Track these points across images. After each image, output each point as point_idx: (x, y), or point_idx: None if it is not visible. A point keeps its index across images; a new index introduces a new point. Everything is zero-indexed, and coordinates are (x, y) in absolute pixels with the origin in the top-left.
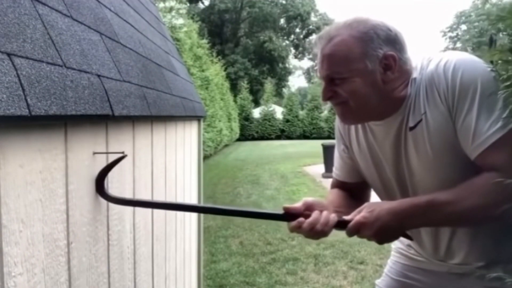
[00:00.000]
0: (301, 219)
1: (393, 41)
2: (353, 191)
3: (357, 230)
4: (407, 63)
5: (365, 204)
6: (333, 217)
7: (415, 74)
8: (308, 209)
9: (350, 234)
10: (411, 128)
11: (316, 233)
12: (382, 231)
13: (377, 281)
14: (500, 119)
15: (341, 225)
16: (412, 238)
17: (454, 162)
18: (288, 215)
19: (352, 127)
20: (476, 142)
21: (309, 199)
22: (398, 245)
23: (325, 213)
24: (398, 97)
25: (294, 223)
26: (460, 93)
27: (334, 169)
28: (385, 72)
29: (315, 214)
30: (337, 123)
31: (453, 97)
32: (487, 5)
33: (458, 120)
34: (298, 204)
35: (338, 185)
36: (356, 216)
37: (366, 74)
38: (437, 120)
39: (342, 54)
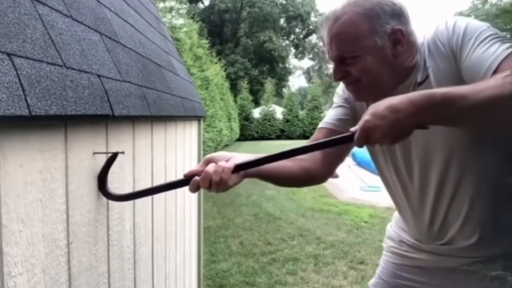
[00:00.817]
0: (195, 177)
1: (399, 14)
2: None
3: (365, 137)
4: (412, 34)
5: (368, 108)
6: (230, 163)
7: (420, 41)
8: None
9: (359, 143)
10: (419, 84)
11: (216, 184)
12: (392, 131)
13: (370, 283)
14: (507, 43)
15: (346, 139)
16: (427, 127)
17: None
18: (189, 179)
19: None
20: (486, 64)
21: (209, 155)
22: (389, 243)
23: (221, 162)
24: (408, 67)
25: (190, 184)
26: (464, 35)
27: (323, 120)
28: (395, 46)
29: (208, 167)
30: (341, 90)
31: (456, 42)
32: (487, 5)
33: (465, 58)
34: (198, 165)
35: (316, 138)
36: (361, 122)
37: (376, 51)
38: (443, 69)
39: (350, 32)
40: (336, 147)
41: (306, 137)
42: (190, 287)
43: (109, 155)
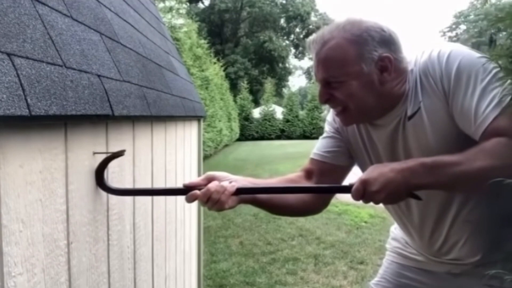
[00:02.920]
0: (195, 190)
1: (388, 41)
2: (325, 175)
3: (362, 189)
4: (403, 61)
5: (370, 167)
6: (232, 185)
7: (410, 67)
8: (210, 182)
9: (356, 195)
10: (410, 118)
11: (213, 202)
12: (388, 187)
13: (372, 282)
14: (499, 95)
15: (345, 189)
16: (421, 198)
17: (454, 149)
18: (189, 190)
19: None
20: (478, 120)
21: (212, 172)
22: (394, 244)
23: (224, 182)
24: (397, 94)
25: (188, 194)
26: (456, 78)
27: (315, 150)
28: (382, 73)
29: (211, 184)
30: (331, 117)
31: (448, 83)
32: (486, 5)
33: (456, 105)
34: (199, 178)
35: (309, 168)
36: (360, 176)
37: (362, 77)
38: (433, 106)
39: (337, 58)
40: (332, 180)
41: (306, 137)
42: (190, 287)
43: (111, 153)
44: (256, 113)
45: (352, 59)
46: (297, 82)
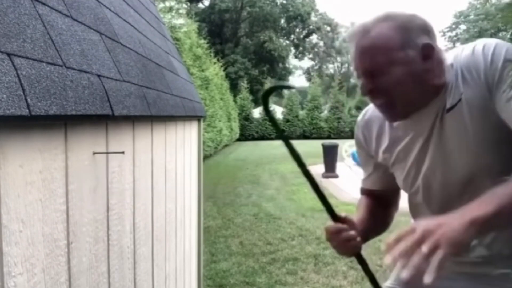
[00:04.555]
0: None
1: (429, 31)
2: (380, 198)
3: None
4: (441, 52)
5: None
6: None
7: (450, 61)
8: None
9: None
10: (449, 110)
11: (346, 245)
12: (449, 234)
13: (386, 285)
14: None
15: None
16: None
17: (494, 143)
18: (338, 219)
19: (378, 131)
20: None
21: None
22: None
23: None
24: (437, 85)
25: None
26: (502, 69)
27: (363, 176)
28: (425, 61)
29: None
30: (359, 131)
31: (493, 75)
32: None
33: (500, 96)
34: (350, 218)
35: (365, 192)
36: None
37: (407, 64)
38: (476, 98)
39: (382, 44)
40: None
41: (306, 137)
42: (190, 287)
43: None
44: (256, 113)
45: (396, 45)
46: (297, 82)
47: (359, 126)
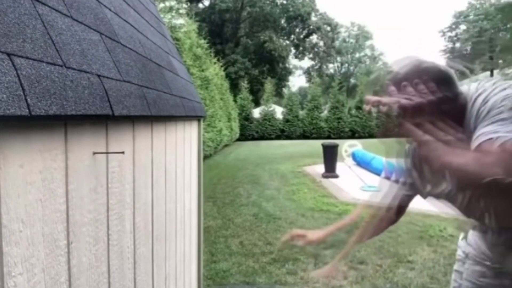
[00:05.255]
0: None
1: (447, 80)
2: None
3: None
4: (459, 95)
5: None
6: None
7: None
8: None
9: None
10: None
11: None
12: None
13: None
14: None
15: None
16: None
17: None
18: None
19: None
20: (476, 140)
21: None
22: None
23: None
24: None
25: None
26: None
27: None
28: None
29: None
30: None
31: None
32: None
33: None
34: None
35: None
36: None
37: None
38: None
39: None
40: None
41: (306, 137)
42: (190, 287)
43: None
44: (256, 113)
45: None
46: (297, 82)
47: None
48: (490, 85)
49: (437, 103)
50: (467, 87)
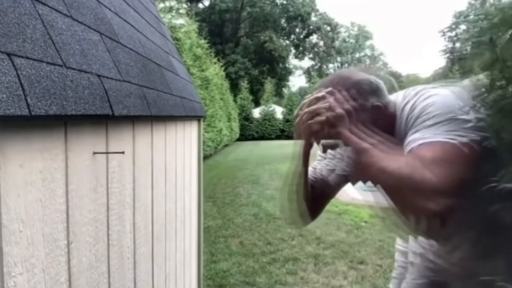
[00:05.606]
0: None
1: (375, 91)
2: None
3: None
4: (388, 104)
5: None
6: None
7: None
8: None
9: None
10: None
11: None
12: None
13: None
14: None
15: None
16: None
17: None
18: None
19: None
20: (407, 146)
21: None
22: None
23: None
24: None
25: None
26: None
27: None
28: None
29: None
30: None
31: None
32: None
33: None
34: None
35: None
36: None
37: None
38: None
39: None
40: None
41: None
42: (190, 287)
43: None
44: (256, 113)
45: None
46: (297, 82)
47: None
48: (414, 93)
49: (361, 110)
50: (396, 96)
